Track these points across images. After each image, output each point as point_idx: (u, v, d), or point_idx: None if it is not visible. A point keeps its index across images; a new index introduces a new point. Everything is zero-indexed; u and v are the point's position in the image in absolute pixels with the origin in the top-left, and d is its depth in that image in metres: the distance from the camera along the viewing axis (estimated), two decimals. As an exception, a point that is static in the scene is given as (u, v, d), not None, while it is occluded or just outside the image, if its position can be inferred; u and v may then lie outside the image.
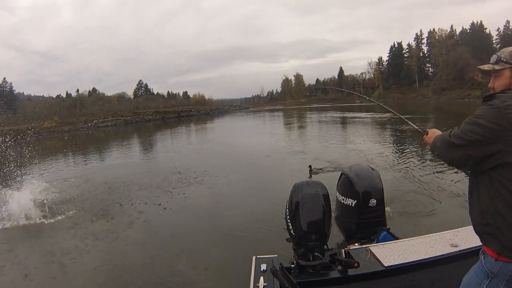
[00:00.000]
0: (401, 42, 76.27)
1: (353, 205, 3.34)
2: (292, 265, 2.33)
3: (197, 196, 7.36)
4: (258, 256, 2.42)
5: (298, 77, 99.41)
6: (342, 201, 3.47)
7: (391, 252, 2.33)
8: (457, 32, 68.19)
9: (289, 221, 2.62)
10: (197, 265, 4.25)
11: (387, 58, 79.00)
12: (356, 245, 2.74)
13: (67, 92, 73.97)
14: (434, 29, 70.81)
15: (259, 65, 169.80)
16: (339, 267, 2.27)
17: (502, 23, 64.18)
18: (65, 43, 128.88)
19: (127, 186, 8.46)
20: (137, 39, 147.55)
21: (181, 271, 4.16)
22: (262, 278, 2.13)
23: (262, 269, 2.23)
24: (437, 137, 1.63)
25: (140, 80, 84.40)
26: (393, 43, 77.57)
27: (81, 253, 4.77)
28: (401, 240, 2.61)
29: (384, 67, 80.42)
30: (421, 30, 74.08)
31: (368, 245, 2.52)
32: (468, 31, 65.64)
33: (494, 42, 64.01)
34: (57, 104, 60.86)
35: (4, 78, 67.01)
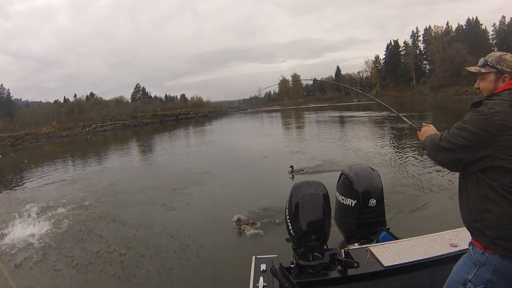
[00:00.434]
0: (398, 40, 76.49)
1: (353, 205, 3.34)
2: (292, 265, 2.32)
3: (197, 197, 7.39)
4: (258, 256, 2.42)
5: (295, 77, 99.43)
6: (342, 201, 3.47)
7: (391, 252, 2.33)
8: (453, 29, 68.40)
9: (289, 221, 2.61)
10: (197, 265, 4.26)
11: (384, 56, 79.16)
12: (356, 245, 2.74)
13: (65, 97, 73.96)
14: (430, 26, 71.01)
15: (257, 66, 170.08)
16: (339, 267, 2.27)
17: (498, 19, 64.34)
18: (62, 48, 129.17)
19: (133, 188, 8.58)
20: (134, 43, 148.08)
21: (181, 271, 4.17)
22: (262, 278, 2.13)
23: (262, 269, 2.23)
24: (428, 138, 1.72)
25: (138, 84, 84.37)
26: (390, 41, 77.79)
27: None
28: (401, 240, 2.61)
29: (381, 66, 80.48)
30: (417, 28, 74.38)
31: (368, 245, 2.51)
32: (464, 28, 65.77)
33: (490, 38, 64.20)
34: (55, 110, 60.79)
35: (2, 85, 66.93)
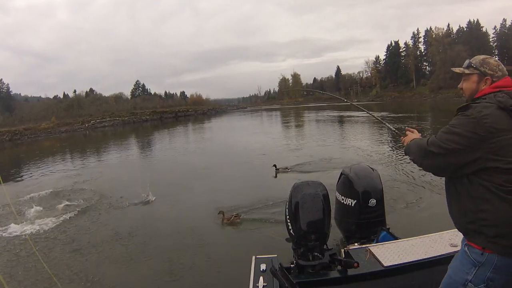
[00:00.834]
0: (398, 41, 76.51)
1: (353, 205, 3.33)
2: (292, 265, 2.32)
3: (197, 194, 7.37)
4: (258, 256, 2.42)
5: (295, 77, 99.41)
6: (342, 201, 3.46)
7: (391, 252, 2.33)
8: (454, 31, 68.45)
9: (289, 221, 2.61)
10: (197, 264, 4.25)
11: (384, 57, 79.17)
12: (356, 245, 2.74)
13: (64, 93, 73.84)
14: (431, 28, 71.00)
15: (257, 65, 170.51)
16: (339, 267, 2.27)
17: (499, 22, 64.39)
18: (61, 44, 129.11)
19: (134, 183, 8.58)
20: (134, 40, 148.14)
21: (181, 271, 4.16)
22: (262, 278, 2.13)
23: (262, 269, 2.23)
24: (412, 142, 1.72)
25: (138, 81, 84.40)
26: (390, 42, 77.82)
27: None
28: (401, 240, 2.61)
29: (381, 66, 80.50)
30: (418, 29, 74.63)
31: (368, 245, 2.51)
32: (465, 30, 65.83)
33: (491, 41, 64.26)
34: (54, 105, 60.75)
35: (1, 79, 66.79)
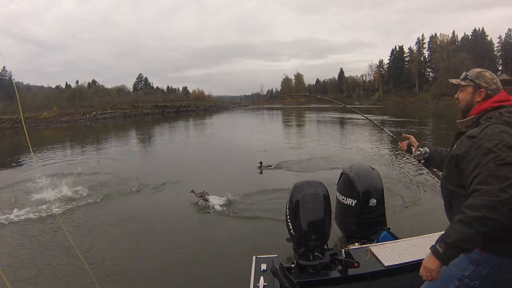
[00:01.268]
0: (403, 46, 76.36)
1: (353, 205, 3.33)
2: (292, 265, 2.32)
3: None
4: (258, 256, 2.42)
5: (298, 77, 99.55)
6: (342, 201, 3.46)
7: (391, 252, 2.33)
8: (459, 38, 68.35)
9: (289, 221, 2.61)
10: (197, 265, 4.22)
11: (388, 61, 79.12)
12: (356, 245, 2.75)
13: (67, 83, 73.70)
14: (436, 34, 70.92)
15: (260, 63, 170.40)
16: (339, 267, 2.28)
17: (504, 31, 64.38)
18: (65, 34, 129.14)
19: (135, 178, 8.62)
20: (138, 33, 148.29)
21: (181, 270, 4.14)
22: (262, 278, 2.13)
23: (262, 269, 2.23)
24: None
25: (140, 74, 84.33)
26: (395, 46, 77.73)
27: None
28: (401, 240, 2.61)
29: (385, 70, 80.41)
30: (423, 35, 74.32)
31: (368, 245, 2.51)
32: (470, 38, 65.75)
33: (495, 50, 64.22)
34: (56, 95, 60.67)
35: (4, 67, 66.59)
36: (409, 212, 5.40)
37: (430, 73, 72.74)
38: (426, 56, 73.14)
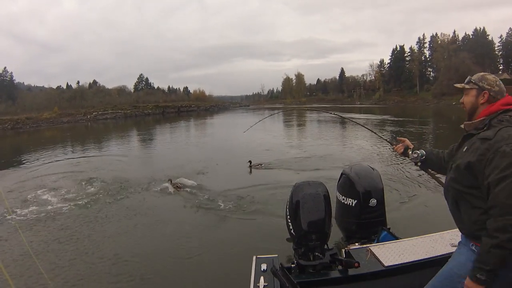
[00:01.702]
0: (403, 46, 76.38)
1: (354, 205, 3.33)
2: (293, 265, 2.31)
3: (197, 192, 7.34)
4: (259, 256, 2.41)
5: (299, 77, 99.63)
6: (343, 201, 3.46)
7: (392, 252, 2.33)
8: (460, 38, 68.33)
9: (290, 221, 2.60)
10: (197, 264, 4.23)
11: (389, 61, 79.05)
12: (357, 245, 2.74)
13: (68, 84, 73.87)
14: (437, 34, 70.87)
15: (261, 63, 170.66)
16: (340, 267, 2.27)
17: (505, 31, 64.32)
18: (66, 34, 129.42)
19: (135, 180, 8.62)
20: (139, 33, 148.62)
21: (180, 270, 4.14)
22: (263, 278, 2.13)
23: (263, 269, 2.23)
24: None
25: (141, 74, 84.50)
26: (395, 46, 77.72)
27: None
28: (401, 240, 2.61)
29: (386, 70, 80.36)
30: (424, 34, 74.31)
31: (369, 245, 2.51)
32: (471, 37, 65.69)
33: (496, 49, 64.13)
34: (57, 95, 60.79)
35: (5, 68, 66.83)
36: (409, 212, 5.38)
37: (431, 73, 72.79)
38: (427, 56, 73.19)
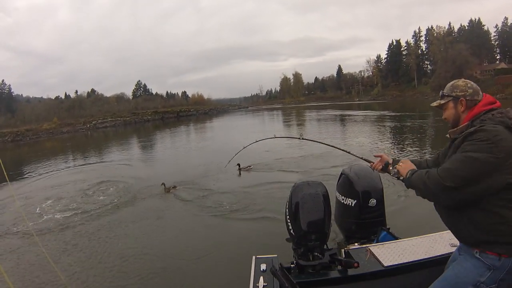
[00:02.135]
0: (399, 40, 76.28)
1: (353, 205, 3.33)
2: (292, 265, 2.31)
3: (196, 194, 7.38)
4: (258, 256, 2.41)
5: (297, 76, 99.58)
6: (342, 201, 3.46)
7: (391, 252, 2.32)
8: (455, 29, 68.30)
9: (289, 221, 2.60)
10: (197, 264, 4.26)
11: (386, 56, 79.01)
12: (356, 245, 2.74)
13: (66, 94, 73.98)
14: (432, 27, 70.84)
15: (258, 64, 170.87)
16: (339, 267, 2.26)
17: (501, 20, 64.20)
18: (62, 44, 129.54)
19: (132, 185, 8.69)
20: (135, 40, 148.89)
21: (180, 270, 4.17)
22: (262, 278, 2.13)
23: (262, 269, 2.23)
24: (417, 177, 1.69)
25: (139, 81, 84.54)
26: (392, 41, 77.59)
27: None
28: (401, 240, 2.60)
29: (383, 65, 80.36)
30: (419, 28, 74.14)
31: (368, 245, 2.51)
32: (467, 28, 65.64)
33: (493, 39, 64.05)
34: (56, 106, 60.91)
35: (3, 80, 66.98)
36: (409, 212, 5.37)
37: (428, 66, 72.65)
38: (424, 49, 73.09)
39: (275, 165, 9.60)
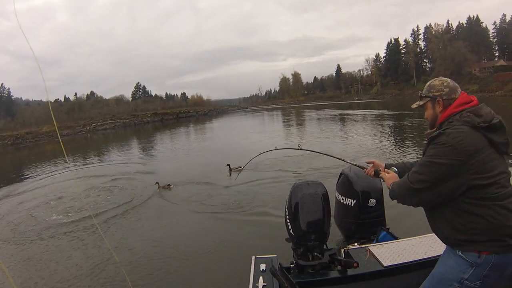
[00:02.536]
0: (398, 38, 76.37)
1: (353, 205, 3.33)
2: (292, 265, 2.32)
3: (196, 193, 7.39)
4: (258, 256, 2.42)
5: (296, 76, 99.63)
6: (342, 201, 3.46)
7: (391, 252, 2.33)
8: (454, 27, 68.36)
9: (289, 221, 2.60)
10: (196, 264, 4.26)
11: (384, 55, 79.02)
12: (356, 245, 2.73)
13: (65, 96, 73.96)
14: (431, 24, 70.91)
15: (257, 64, 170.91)
16: (339, 267, 2.27)
17: (498, 17, 64.25)
18: (61, 47, 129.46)
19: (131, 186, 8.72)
20: (134, 42, 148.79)
21: (180, 270, 4.17)
22: (262, 278, 2.14)
23: (262, 269, 2.23)
24: (395, 185, 1.77)
25: (138, 83, 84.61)
26: (390, 39, 77.64)
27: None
28: (401, 240, 2.60)
29: (382, 64, 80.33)
30: (418, 26, 74.45)
31: (368, 245, 2.51)
32: (465, 26, 65.66)
33: (491, 36, 64.06)
34: (56, 108, 60.74)
35: (2, 84, 66.97)
36: (409, 212, 5.32)
37: (427, 64, 72.67)
38: (422, 47, 73.09)
39: (275, 165, 9.58)
